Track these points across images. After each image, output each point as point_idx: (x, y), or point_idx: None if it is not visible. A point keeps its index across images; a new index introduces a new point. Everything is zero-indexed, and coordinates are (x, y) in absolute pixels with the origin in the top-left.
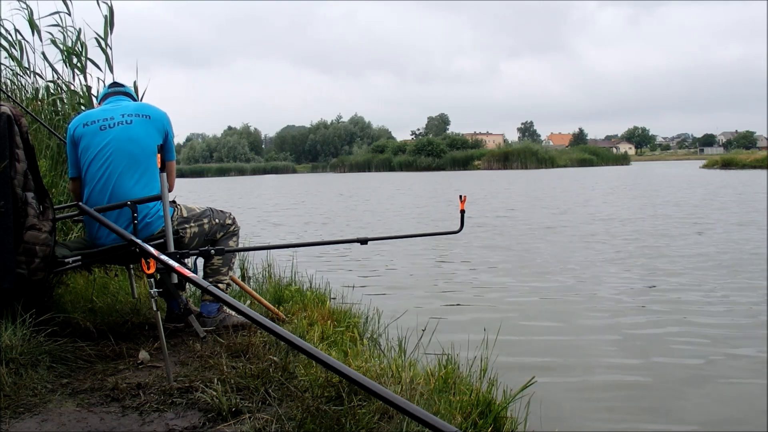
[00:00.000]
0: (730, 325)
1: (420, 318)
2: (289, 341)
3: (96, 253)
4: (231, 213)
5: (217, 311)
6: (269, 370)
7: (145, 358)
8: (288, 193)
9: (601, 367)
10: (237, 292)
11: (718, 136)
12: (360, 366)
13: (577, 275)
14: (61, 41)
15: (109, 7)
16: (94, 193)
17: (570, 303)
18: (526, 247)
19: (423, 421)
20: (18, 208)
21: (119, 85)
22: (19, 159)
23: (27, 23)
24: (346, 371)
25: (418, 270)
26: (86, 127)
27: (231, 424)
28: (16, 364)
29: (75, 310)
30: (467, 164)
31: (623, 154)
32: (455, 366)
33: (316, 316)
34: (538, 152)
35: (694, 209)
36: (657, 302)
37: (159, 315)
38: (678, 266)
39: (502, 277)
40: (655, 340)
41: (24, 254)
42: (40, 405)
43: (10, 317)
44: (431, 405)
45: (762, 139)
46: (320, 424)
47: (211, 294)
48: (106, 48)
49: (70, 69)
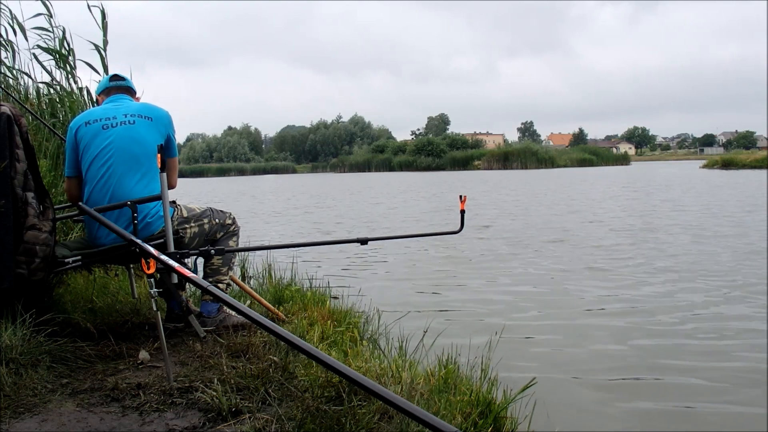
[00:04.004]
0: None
1: (420, 318)
2: (289, 341)
3: (96, 253)
4: (231, 213)
5: (217, 311)
6: (269, 370)
7: (145, 358)
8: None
9: (602, 368)
10: (237, 292)
11: (718, 136)
12: (360, 366)
13: (580, 276)
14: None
15: (102, 11)
16: (95, 192)
17: (572, 304)
18: (528, 248)
19: (423, 421)
20: (18, 208)
21: (120, 78)
22: (19, 159)
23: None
24: (346, 371)
25: (418, 270)
26: (88, 125)
27: (231, 424)
28: (16, 364)
29: (75, 310)
30: (467, 164)
31: (623, 154)
32: (455, 366)
33: (316, 316)
34: (538, 152)
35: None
36: (658, 304)
37: (159, 315)
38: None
39: (503, 277)
40: (658, 342)
41: (24, 254)
42: (40, 405)
43: (10, 317)
44: (431, 405)
45: (762, 139)
46: (320, 424)
47: (211, 294)
48: (101, 51)
49: (62, 71)
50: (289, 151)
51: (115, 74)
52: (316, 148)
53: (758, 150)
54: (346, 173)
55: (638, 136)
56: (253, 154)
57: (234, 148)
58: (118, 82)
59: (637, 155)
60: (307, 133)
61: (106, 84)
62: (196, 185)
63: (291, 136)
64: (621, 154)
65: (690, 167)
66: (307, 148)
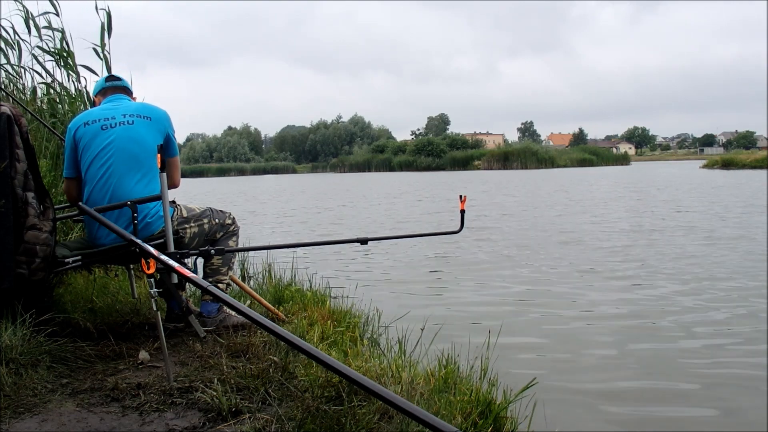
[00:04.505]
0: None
1: (420, 318)
2: (289, 341)
3: (96, 253)
4: (231, 213)
5: (217, 311)
6: (269, 370)
7: (145, 358)
8: None
9: (602, 368)
10: (237, 292)
11: (718, 136)
12: (360, 366)
13: (580, 276)
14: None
15: (107, 13)
16: (95, 192)
17: (572, 304)
18: (528, 248)
19: (423, 421)
20: (18, 208)
21: (116, 78)
22: (19, 159)
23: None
24: (346, 371)
25: (418, 270)
26: (87, 126)
27: (231, 424)
28: (16, 364)
29: (75, 310)
30: (467, 164)
31: (623, 154)
32: (455, 366)
33: (316, 316)
34: (538, 152)
35: None
36: (659, 305)
37: (159, 315)
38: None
39: (503, 277)
40: (659, 342)
41: (24, 254)
42: (40, 405)
43: (10, 317)
44: (431, 405)
45: (762, 139)
46: (320, 424)
47: (211, 294)
48: (103, 53)
49: (64, 70)
50: (289, 151)
51: (111, 74)
52: (316, 148)
53: (758, 150)
54: (346, 173)
55: (638, 136)
56: (253, 154)
57: (234, 148)
58: (114, 83)
59: (637, 155)
60: (307, 133)
61: (103, 84)
62: (195, 185)
63: (291, 136)
64: (621, 154)
65: (690, 167)
66: (307, 148)
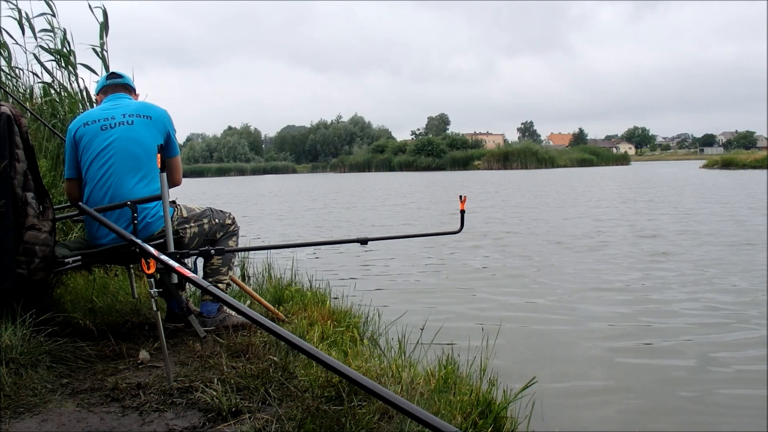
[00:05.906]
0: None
1: (420, 318)
2: (289, 341)
3: (96, 253)
4: (231, 213)
5: (217, 311)
6: (269, 370)
7: (145, 358)
8: None
9: (602, 368)
10: (237, 292)
11: (718, 136)
12: (360, 366)
13: (581, 276)
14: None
15: (103, 11)
16: (95, 192)
17: (573, 304)
18: (528, 248)
19: (423, 421)
20: (18, 208)
21: (118, 75)
22: (19, 159)
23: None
24: (346, 371)
25: (418, 270)
26: (87, 126)
27: (231, 424)
28: (16, 364)
29: (75, 310)
30: (467, 164)
31: (623, 154)
32: (455, 366)
33: (316, 316)
34: (538, 152)
35: None
36: (660, 306)
37: (159, 315)
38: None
39: (503, 277)
40: (659, 343)
41: (24, 254)
42: (40, 405)
43: (10, 317)
44: (431, 405)
45: (762, 139)
46: (320, 424)
47: (211, 294)
48: (102, 52)
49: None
50: (289, 151)
51: (113, 72)
52: (316, 148)
53: (758, 150)
54: (346, 173)
55: (638, 136)
56: (253, 154)
57: (234, 148)
58: (115, 80)
59: (637, 155)
60: (307, 133)
61: (104, 82)
62: (194, 185)
63: (291, 136)
64: (621, 154)
65: (690, 167)
66: (307, 148)
